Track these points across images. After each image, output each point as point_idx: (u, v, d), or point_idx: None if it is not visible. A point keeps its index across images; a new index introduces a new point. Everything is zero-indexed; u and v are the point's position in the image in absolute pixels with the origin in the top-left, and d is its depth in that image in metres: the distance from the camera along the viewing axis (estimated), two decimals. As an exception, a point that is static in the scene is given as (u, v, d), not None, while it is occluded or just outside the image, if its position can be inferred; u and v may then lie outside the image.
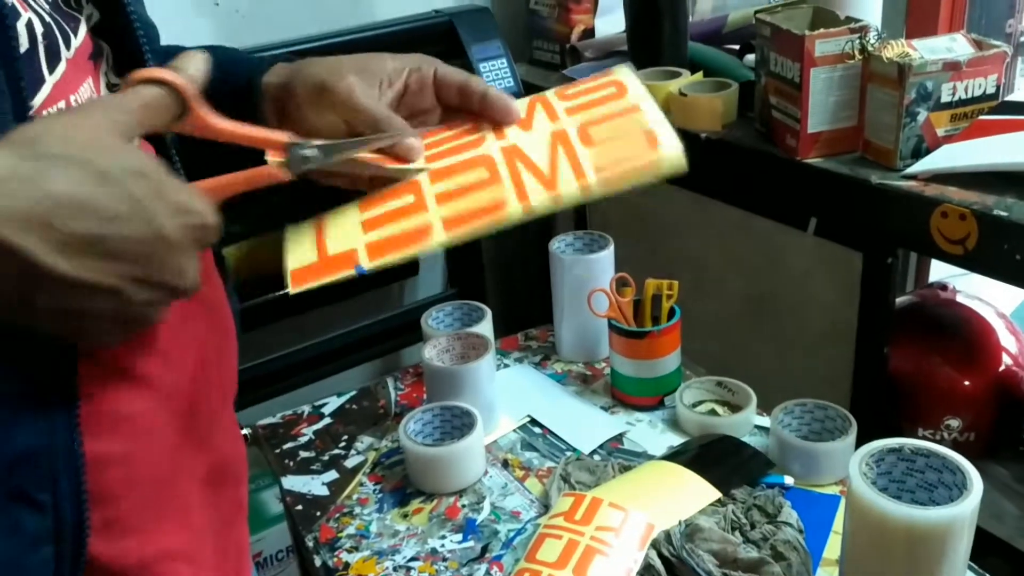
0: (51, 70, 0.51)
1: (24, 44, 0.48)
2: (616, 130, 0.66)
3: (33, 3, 0.50)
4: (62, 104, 0.51)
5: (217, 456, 0.65)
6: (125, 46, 0.58)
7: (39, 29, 0.50)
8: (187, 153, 0.62)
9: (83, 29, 0.54)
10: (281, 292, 1.90)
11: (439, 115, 0.70)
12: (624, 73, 0.71)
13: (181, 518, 0.60)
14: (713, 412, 1.01)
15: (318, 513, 0.93)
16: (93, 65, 0.55)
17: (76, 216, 0.42)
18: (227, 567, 0.66)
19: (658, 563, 0.76)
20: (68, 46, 0.52)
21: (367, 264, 0.59)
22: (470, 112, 0.68)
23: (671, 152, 0.64)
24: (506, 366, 1.16)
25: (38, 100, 0.49)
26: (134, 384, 0.54)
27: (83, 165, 0.42)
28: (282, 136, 0.58)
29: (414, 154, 0.65)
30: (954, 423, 1.35)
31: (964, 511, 0.65)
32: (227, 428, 0.67)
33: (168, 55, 0.56)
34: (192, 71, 0.52)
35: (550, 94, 0.71)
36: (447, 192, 0.63)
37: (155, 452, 0.57)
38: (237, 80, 0.66)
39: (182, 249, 0.46)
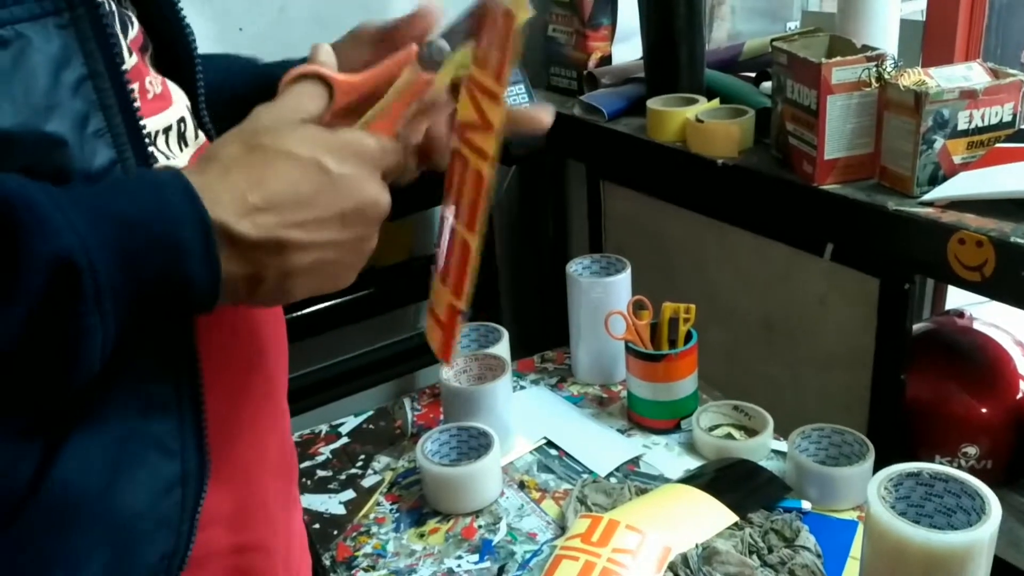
0: (130, 53, 0.54)
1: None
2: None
3: None
4: (136, 85, 0.54)
5: (282, 451, 0.67)
6: (169, 45, 0.60)
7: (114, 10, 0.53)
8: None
9: (136, 26, 0.56)
10: (299, 313, 1.90)
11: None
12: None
13: (261, 508, 0.63)
14: (730, 436, 1.01)
15: (335, 532, 0.94)
16: (141, 56, 0.57)
17: (259, 188, 0.47)
18: (291, 558, 0.68)
19: (675, 585, 0.77)
20: (126, 35, 0.54)
21: (463, 305, 0.61)
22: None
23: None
24: (522, 388, 1.17)
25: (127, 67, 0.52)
26: (242, 370, 0.60)
27: (252, 151, 0.48)
28: (410, 48, 0.60)
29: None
30: (971, 451, 1.34)
31: (983, 535, 0.65)
32: (286, 426, 0.70)
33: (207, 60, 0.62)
34: (325, 58, 0.58)
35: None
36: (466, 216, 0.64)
37: (244, 442, 0.60)
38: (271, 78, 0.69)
39: (361, 177, 0.51)
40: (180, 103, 0.59)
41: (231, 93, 0.70)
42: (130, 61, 0.54)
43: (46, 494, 0.49)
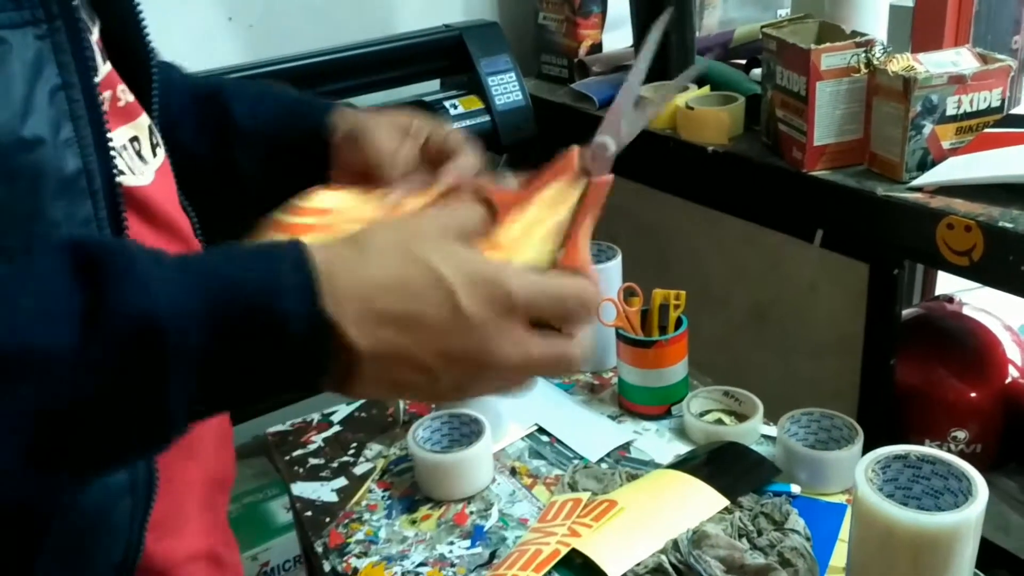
0: (104, 60, 0.54)
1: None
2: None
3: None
4: (108, 94, 0.54)
5: (220, 465, 0.67)
6: (127, 55, 0.60)
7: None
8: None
9: (95, 34, 0.56)
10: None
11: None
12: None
13: (201, 520, 0.64)
14: (720, 421, 1.01)
15: (327, 519, 0.94)
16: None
17: (386, 295, 0.44)
18: (226, 570, 0.69)
19: (669, 569, 0.77)
20: None
21: None
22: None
23: None
24: (514, 375, 1.17)
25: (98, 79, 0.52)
26: None
27: (397, 250, 0.45)
28: (571, 153, 0.56)
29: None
30: (960, 435, 1.35)
31: (970, 516, 0.66)
32: (227, 440, 0.70)
33: (164, 67, 0.61)
34: (510, 184, 0.54)
35: None
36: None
37: (174, 455, 0.59)
38: (308, 123, 0.69)
39: (484, 322, 0.45)
40: (145, 120, 0.59)
41: (255, 128, 0.70)
42: (103, 70, 0.54)
43: (5, 512, 0.48)
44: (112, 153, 0.51)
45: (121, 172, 0.53)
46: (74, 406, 0.39)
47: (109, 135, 0.51)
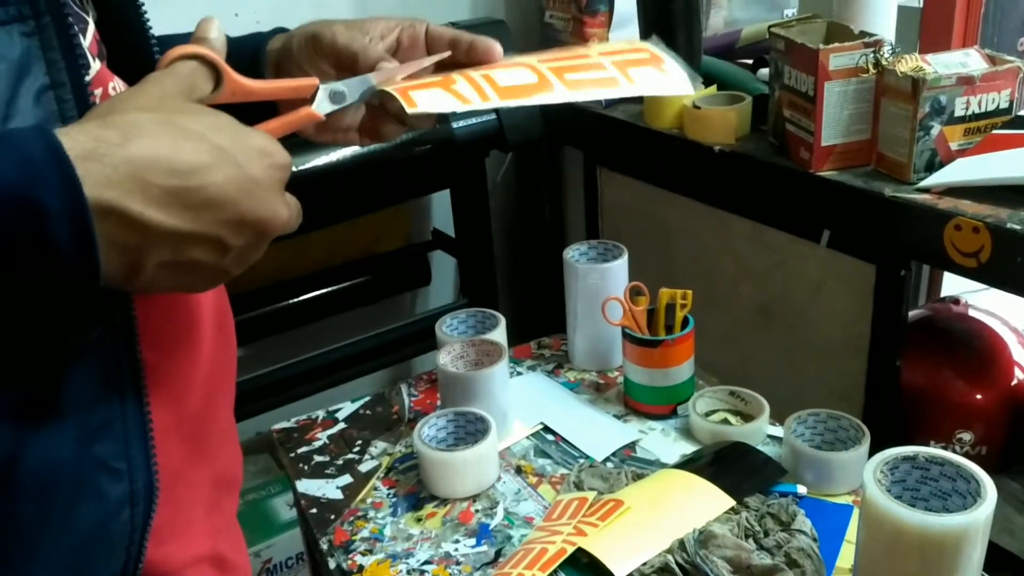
0: (93, 58, 0.53)
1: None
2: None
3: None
4: (99, 92, 0.53)
5: (227, 464, 0.67)
6: (128, 47, 0.59)
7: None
8: None
9: (91, 28, 0.56)
10: (295, 300, 1.90)
11: (432, 69, 0.71)
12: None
13: (207, 523, 0.63)
14: (726, 421, 1.01)
15: (332, 516, 0.94)
16: (103, 62, 0.57)
17: (167, 172, 0.43)
18: (231, 573, 0.68)
19: (676, 568, 0.77)
20: (84, 38, 0.54)
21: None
22: (459, 64, 0.69)
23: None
24: (519, 374, 1.17)
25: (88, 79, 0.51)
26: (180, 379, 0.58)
27: (163, 124, 0.44)
28: (312, 80, 0.60)
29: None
30: (966, 437, 1.35)
31: (978, 518, 0.66)
32: (233, 439, 0.70)
33: (164, 45, 0.58)
34: (214, 36, 0.54)
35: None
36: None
37: (177, 458, 0.59)
38: (242, 51, 0.68)
39: (270, 188, 0.48)
40: None
41: None
42: (94, 67, 0.53)
43: (5, 518, 0.48)
44: None
45: None
46: None
47: None
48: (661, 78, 0.67)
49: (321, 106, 0.60)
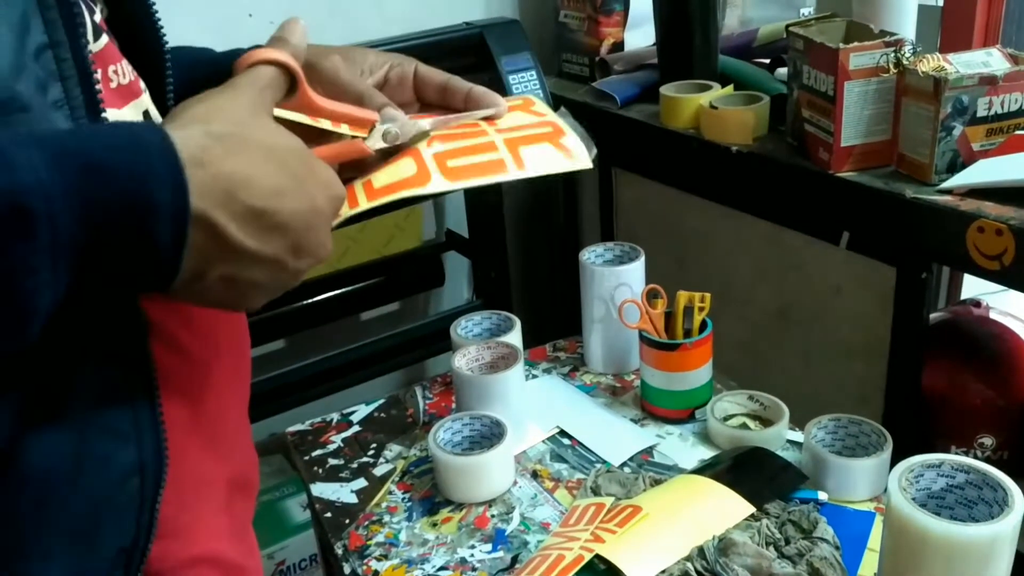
0: (98, 34, 0.53)
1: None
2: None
3: None
4: (99, 72, 0.52)
5: (240, 466, 0.66)
6: (136, 40, 0.59)
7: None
8: None
9: (98, 17, 0.55)
10: (309, 301, 1.90)
11: (417, 110, 0.71)
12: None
13: (213, 524, 0.62)
14: (744, 426, 1.00)
15: (347, 520, 0.93)
16: (113, 41, 0.56)
17: (253, 192, 0.45)
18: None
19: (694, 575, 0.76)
20: (92, 15, 0.53)
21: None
22: (453, 109, 0.69)
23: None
24: (534, 377, 1.16)
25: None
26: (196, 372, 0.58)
27: (258, 145, 0.47)
28: (373, 116, 0.61)
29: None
30: (987, 441, 1.33)
31: (1005, 528, 0.64)
32: (247, 439, 0.69)
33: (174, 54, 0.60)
34: (296, 41, 0.55)
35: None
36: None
37: (194, 456, 0.58)
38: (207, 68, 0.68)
39: (327, 220, 0.51)
40: (146, 99, 0.58)
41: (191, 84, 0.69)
42: (99, 42, 0.52)
43: (11, 484, 0.48)
44: (104, 115, 0.49)
45: None
46: None
47: (100, 95, 0.49)
48: (555, 156, 0.66)
49: (374, 142, 0.61)
